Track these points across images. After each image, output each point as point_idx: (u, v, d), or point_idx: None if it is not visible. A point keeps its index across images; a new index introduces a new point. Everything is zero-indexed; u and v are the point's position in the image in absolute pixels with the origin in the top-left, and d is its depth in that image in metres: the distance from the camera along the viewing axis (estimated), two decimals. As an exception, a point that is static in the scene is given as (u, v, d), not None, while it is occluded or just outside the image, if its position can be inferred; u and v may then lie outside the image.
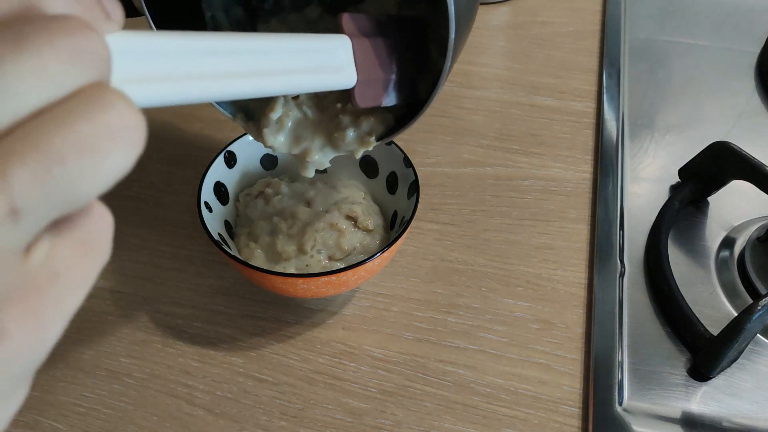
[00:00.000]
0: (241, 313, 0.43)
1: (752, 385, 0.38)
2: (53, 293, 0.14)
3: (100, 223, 0.15)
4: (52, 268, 0.14)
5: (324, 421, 0.37)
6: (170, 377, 0.40)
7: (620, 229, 0.46)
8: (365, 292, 0.43)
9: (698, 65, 0.60)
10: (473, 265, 0.45)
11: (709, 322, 0.40)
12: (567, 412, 0.37)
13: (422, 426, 0.37)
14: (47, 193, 0.13)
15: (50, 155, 0.13)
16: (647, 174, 0.50)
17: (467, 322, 0.42)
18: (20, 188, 0.12)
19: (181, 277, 0.45)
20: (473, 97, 0.57)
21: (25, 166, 0.12)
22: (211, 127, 0.55)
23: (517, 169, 0.51)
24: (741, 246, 0.44)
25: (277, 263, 0.39)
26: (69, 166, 0.13)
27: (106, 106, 0.14)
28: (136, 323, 0.42)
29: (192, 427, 0.37)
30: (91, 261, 0.15)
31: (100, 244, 0.16)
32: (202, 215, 0.39)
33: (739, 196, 0.47)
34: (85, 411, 0.38)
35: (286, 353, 0.41)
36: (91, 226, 0.15)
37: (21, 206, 0.13)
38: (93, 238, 0.15)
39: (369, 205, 0.43)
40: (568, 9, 0.66)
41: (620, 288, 0.42)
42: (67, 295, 0.15)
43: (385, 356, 0.40)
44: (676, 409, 0.37)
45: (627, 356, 0.39)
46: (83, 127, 0.13)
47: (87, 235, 0.15)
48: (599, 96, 0.57)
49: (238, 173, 0.44)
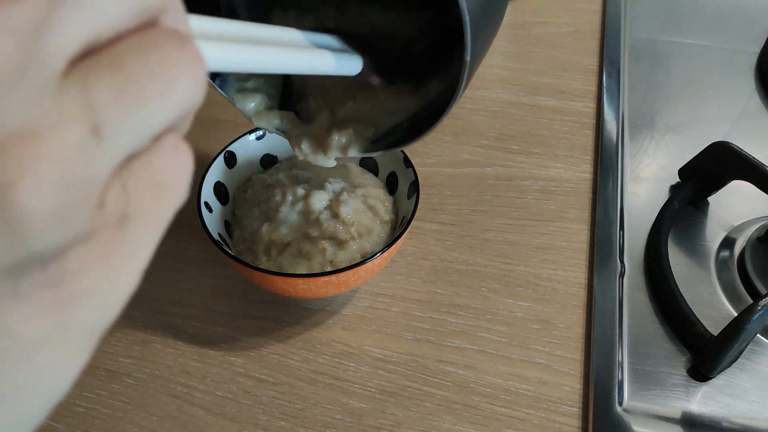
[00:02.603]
0: (241, 313, 0.43)
1: (752, 385, 0.38)
2: (125, 239, 0.14)
3: (175, 160, 0.15)
4: (125, 211, 0.14)
5: (324, 421, 0.37)
6: (170, 377, 0.40)
7: (620, 229, 0.46)
8: (365, 292, 0.43)
9: (698, 65, 0.60)
10: (473, 265, 0.45)
11: (709, 322, 0.40)
12: (567, 412, 0.37)
13: (422, 426, 0.37)
14: (124, 114, 0.13)
15: (126, 76, 0.13)
16: (647, 174, 0.50)
17: (467, 322, 0.42)
18: (100, 104, 0.12)
19: (181, 277, 0.45)
20: (473, 97, 0.57)
21: (104, 83, 0.13)
22: (211, 126, 0.55)
23: (517, 169, 0.51)
24: (741, 246, 0.44)
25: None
26: (143, 87, 0.13)
27: (176, 42, 0.14)
28: (136, 323, 0.42)
29: (192, 427, 0.37)
30: (165, 204, 0.15)
31: (176, 184, 0.15)
32: (202, 215, 0.39)
33: (739, 196, 0.47)
34: (85, 411, 0.38)
35: (286, 353, 0.41)
36: (165, 164, 0.14)
37: (102, 125, 0.12)
38: (167, 178, 0.15)
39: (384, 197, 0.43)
40: (568, 9, 0.66)
41: (620, 288, 0.42)
42: (139, 242, 0.14)
43: (385, 356, 0.40)
44: (676, 409, 0.37)
45: (627, 356, 0.39)
46: (155, 55, 0.13)
47: (161, 174, 0.14)
48: (599, 96, 0.57)
49: (238, 173, 0.44)
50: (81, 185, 0.12)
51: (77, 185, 0.12)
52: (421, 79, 0.36)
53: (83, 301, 0.13)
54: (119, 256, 0.14)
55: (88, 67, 0.13)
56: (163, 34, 0.14)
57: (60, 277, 0.13)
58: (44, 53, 0.12)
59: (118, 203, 0.14)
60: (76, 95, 0.12)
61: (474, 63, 0.29)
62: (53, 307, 0.13)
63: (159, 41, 0.14)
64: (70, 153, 0.12)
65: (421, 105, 0.36)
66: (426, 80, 0.36)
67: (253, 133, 0.44)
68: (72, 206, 0.12)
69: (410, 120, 0.36)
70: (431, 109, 0.34)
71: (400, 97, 0.36)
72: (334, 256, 0.38)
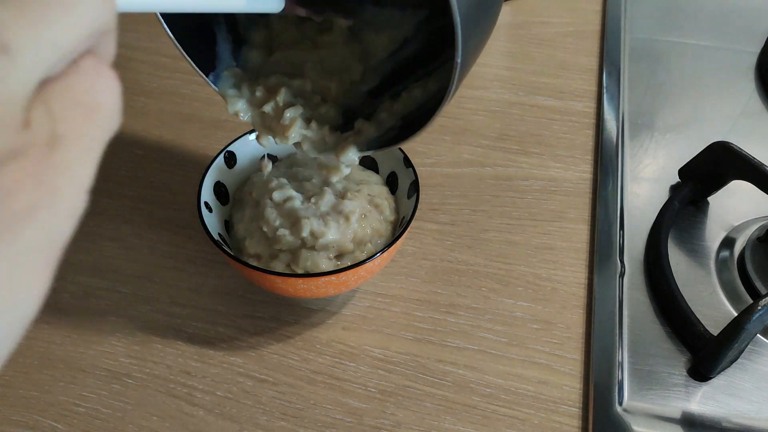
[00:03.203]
0: (241, 313, 0.43)
1: (752, 385, 0.38)
2: (59, 158, 0.14)
3: (99, 82, 0.15)
4: (52, 129, 0.14)
5: (324, 421, 0.37)
6: (170, 377, 0.40)
7: (620, 229, 0.46)
8: (365, 292, 0.43)
9: (698, 65, 0.60)
10: (473, 265, 0.45)
11: (709, 322, 0.40)
12: (567, 412, 0.37)
13: (422, 426, 0.37)
14: (30, 29, 0.13)
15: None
16: (647, 174, 0.50)
17: (467, 322, 0.42)
18: (5, 22, 0.13)
19: (181, 277, 0.45)
20: (473, 97, 0.57)
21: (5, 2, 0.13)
22: (211, 127, 0.55)
23: (517, 169, 0.51)
24: (741, 246, 0.44)
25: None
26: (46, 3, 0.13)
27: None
28: (136, 323, 0.42)
29: (192, 427, 0.37)
30: (96, 123, 0.15)
31: (104, 105, 0.15)
32: (202, 215, 0.39)
33: (739, 196, 0.47)
34: (85, 411, 0.38)
35: (286, 353, 0.41)
36: (89, 85, 0.15)
37: (9, 41, 0.13)
38: (92, 99, 0.15)
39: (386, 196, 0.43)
40: (568, 9, 0.66)
41: (620, 288, 0.42)
42: (74, 161, 0.15)
43: (385, 356, 0.40)
44: (676, 409, 0.37)
45: (627, 356, 0.39)
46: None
47: (86, 95, 0.15)
48: (599, 96, 0.57)
49: (238, 173, 0.44)
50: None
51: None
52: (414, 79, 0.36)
53: (26, 221, 0.14)
54: (55, 174, 0.14)
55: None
56: None
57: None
58: None
59: (44, 123, 0.14)
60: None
61: (466, 64, 0.29)
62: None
63: None
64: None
65: (414, 106, 0.36)
66: (419, 81, 0.36)
67: (253, 134, 0.44)
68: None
69: (403, 119, 0.36)
70: (424, 109, 0.34)
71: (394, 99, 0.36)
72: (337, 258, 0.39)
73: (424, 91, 0.36)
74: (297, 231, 0.38)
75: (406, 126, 0.35)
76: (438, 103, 0.31)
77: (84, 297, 0.43)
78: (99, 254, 0.46)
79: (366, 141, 0.35)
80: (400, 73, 0.37)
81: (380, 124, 0.36)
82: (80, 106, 0.15)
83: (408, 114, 0.36)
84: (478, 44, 0.31)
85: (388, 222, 0.41)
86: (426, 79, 0.36)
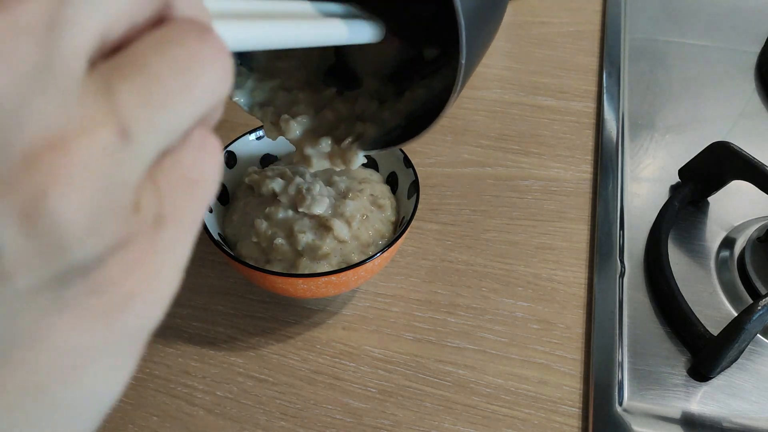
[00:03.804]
0: (241, 313, 0.43)
1: (752, 385, 0.38)
2: (162, 240, 0.13)
3: (203, 154, 0.14)
4: (159, 210, 0.13)
5: (324, 421, 0.37)
6: (170, 377, 0.40)
7: (620, 229, 0.46)
8: (365, 292, 0.43)
9: (698, 65, 0.60)
10: (473, 265, 0.45)
11: (709, 322, 0.40)
12: (567, 412, 0.37)
13: (422, 426, 0.37)
14: (151, 114, 0.12)
15: (150, 75, 0.12)
16: (647, 174, 0.50)
17: (467, 322, 0.42)
18: (126, 106, 0.12)
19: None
20: (473, 97, 0.57)
21: (128, 84, 0.12)
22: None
23: (517, 169, 0.51)
24: (741, 246, 0.44)
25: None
26: (168, 85, 0.13)
27: (197, 34, 0.14)
28: (136, 323, 0.42)
29: (192, 427, 0.37)
30: (198, 199, 0.14)
31: (206, 178, 0.14)
32: (202, 215, 0.39)
33: (739, 196, 0.47)
34: (85, 411, 0.38)
35: (286, 353, 0.41)
36: (194, 159, 0.14)
37: (129, 126, 0.12)
38: (197, 173, 0.14)
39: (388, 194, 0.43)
40: (568, 9, 0.66)
41: (620, 288, 0.42)
42: (176, 240, 0.14)
43: (385, 356, 0.40)
44: (676, 409, 0.37)
45: (627, 356, 0.39)
46: (177, 51, 0.13)
47: (191, 170, 0.14)
48: (599, 96, 0.57)
49: (238, 173, 0.44)
50: (114, 190, 0.12)
51: (110, 191, 0.12)
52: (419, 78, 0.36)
53: (128, 307, 0.13)
54: (159, 257, 0.13)
55: (110, 67, 0.12)
56: (182, 28, 0.13)
57: (103, 285, 0.13)
58: (63, 53, 0.11)
59: (152, 204, 0.13)
60: (100, 98, 0.12)
61: (470, 65, 0.29)
62: (99, 316, 0.13)
63: (179, 35, 0.13)
64: (100, 158, 0.12)
65: (418, 105, 0.36)
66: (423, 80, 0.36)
67: (253, 133, 0.44)
68: (108, 213, 0.12)
69: (407, 119, 0.36)
70: (428, 108, 0.34)
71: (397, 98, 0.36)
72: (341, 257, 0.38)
73: (428, 90, 0.35)
74: (294, 243, 0.38)
75: (411, 125, 0.35)
76: (442, 102, 0.31)
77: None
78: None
79: (369, 141, 0.35)
80: (403, 73, 0.37)
81: (383, 124, 0.36)
82: (185, 182, 0.14)
83: (412, 113, 0.36)
84: (482, 45, 0.31)
85: (390, 222, 0.41)
86: (430, 78, 0.36)
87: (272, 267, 0.38)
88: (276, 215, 0.39)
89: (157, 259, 0.13)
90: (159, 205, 0.13)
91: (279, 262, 0.38)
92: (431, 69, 0.36)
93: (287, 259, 0.38)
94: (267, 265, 0.38)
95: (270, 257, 0.38)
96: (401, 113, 0.36)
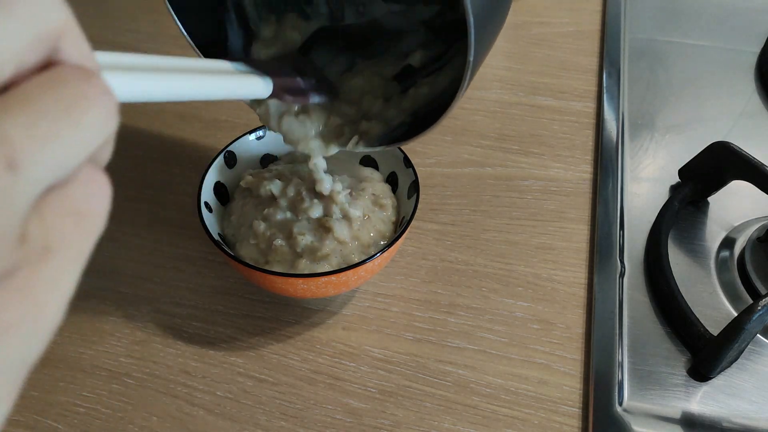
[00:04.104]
0: (241, 313, 0.43)
1: (752, 385, 0.38)
2: (47, 270, 0.14)
3: (92, 188, 0.15)
4: (45, 241, 0.14)
5: (324, 421, 0.37)
6: (170, 377, 0.40)
7: (620, 229, 0.46)
8: (365, 292, 0.43)
9: (698, 65, 0.60)
10: (473, 265, 0.45)
11: (709, 322, 0.40)
12: (567, 412, 0.37)
13: (422, 426, 0.37)
14: (38, 147, 0.13)
15: (37, 111, 0.13)
16: (647, 174, 0.50)
17: (467, 322, 0.42)
18: (13, 138, 0.13)
19: (181, 277, 0.45)
20: (473, 97, 0.57)
21: (16, 118, 0.13)
22: (211, 127, 0.55)
23: (517, 169, 0.51)
24: (741, 246, 0.44)
25: None
26: (54, 120, 0.13)
27: (83, 76, 0.14)
28: (136, 323, 0.42)
29: (192, 427, 0.37)
30: (85, 232, 0.15)
31: (94, 212, 0.15)
32: (202, 215, 0.39)
33: (739, 196, 0.47)
34: (85, 411, 0.38)
35: (286, 353, 0.41)
36: (82, 192, 0.15)
37: (15, 158, 0.13)
38: (86, 206, 0.15)
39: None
40: (568, 9, 0.66)
41: (620, 288, 0.42)
42: (61, 272, 0.14)
43: (385, 356, 0.40)
44: (676, 409, 0.37)
45: (627, 356, 0.39)
46: (64, 90, 0.14)
47: (79, 202, 0.14)
48: (599, 96, 0.57)
49: (238, 173, 0.44)
50: (1, 220, 0.12)
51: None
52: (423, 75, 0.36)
53: (6, 339, 0.13)
54: (42, 288, 0.14)
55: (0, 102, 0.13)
56: (70, 70, 0.14)
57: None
58: None
59: (39, 235, 0.13)
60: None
61: (477, 62, 0.29)
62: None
63: (66, 76, 0.14)
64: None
65: (422, 103, 0.36)
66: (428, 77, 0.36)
67: (253, 134, 0.44)
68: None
69: (412, 117, 0.36)
70: (432, 106, 0.34)
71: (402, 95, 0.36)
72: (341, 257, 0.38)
73: (432, 87, 0.36)
74: (293, 244, 0.38)
75: (415, 123, 0.35)
76: (447, 99, 0.31)
77: (84, 297, 0.43)
78: (99, 254, 0.46)
79: (375, 138, 0.35)
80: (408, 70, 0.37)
81: (388, 121, 0.36)
82: (72, 215, 0.14)
83: (416, 111, 0.36)
84: (488, 43, 0.31)
85: (391, 222, 0.41)
86: (435, 75, 0.36)
87: (272, 268, 0.38)
88: (274, 217, 0.39)
89: (40, 289, 0.14)
90: (45, 236, 0.14)
91: (278, 263, 0.38)
92: (435, 67, 0.36)
93: (287, 260, 0.38)
94: (266, 266, 0.38)
95: (269, 258, 0.38)
96: (406, 111, 0.36)
